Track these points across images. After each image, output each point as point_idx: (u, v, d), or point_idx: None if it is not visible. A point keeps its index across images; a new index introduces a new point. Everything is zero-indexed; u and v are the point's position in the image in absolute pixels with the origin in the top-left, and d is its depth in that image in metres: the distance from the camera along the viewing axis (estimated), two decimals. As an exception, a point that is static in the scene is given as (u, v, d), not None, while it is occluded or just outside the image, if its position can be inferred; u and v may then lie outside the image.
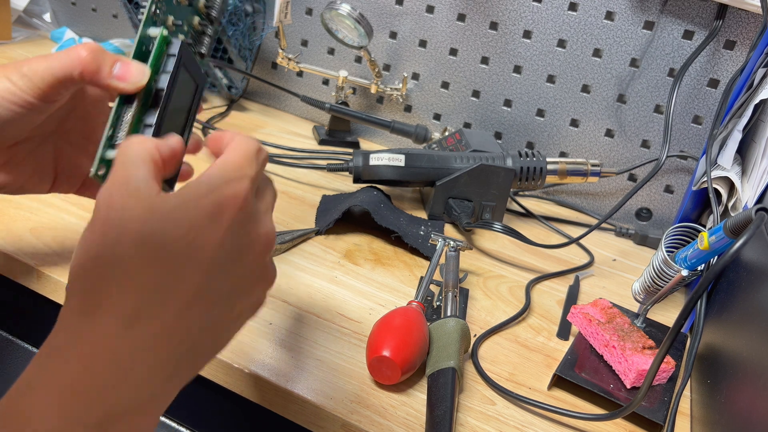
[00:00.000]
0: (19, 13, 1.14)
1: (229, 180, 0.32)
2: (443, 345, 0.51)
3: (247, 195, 0.32)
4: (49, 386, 0.27)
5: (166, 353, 0.29)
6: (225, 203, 0.31)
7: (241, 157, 0.33)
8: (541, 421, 0.50)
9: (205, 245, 0.30)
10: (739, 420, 0.43)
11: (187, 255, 0.29)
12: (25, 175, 0.47)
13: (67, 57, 0.40)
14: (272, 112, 1.06)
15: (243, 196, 0.32)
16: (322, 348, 0.53)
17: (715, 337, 0.56)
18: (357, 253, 0.68)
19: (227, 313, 0.32)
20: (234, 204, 0.31)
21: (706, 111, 0.82)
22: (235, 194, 0.31)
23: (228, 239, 0.31)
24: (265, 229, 0.34)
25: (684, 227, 0.59)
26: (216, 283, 0.30)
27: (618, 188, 0.91)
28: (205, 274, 0.30)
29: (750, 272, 0.52)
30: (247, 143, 0.35)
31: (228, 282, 0.31)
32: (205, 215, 0.30)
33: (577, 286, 0.71)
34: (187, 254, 0.29)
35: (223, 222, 0.30)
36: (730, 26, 0.78)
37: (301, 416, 0.49)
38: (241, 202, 0.31)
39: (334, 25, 0.90)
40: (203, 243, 0.30)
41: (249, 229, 0.32)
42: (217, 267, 0.30)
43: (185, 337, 0.30)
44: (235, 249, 0.31)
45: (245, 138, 0.35)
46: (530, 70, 0.89)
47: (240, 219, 0.31)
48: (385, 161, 0.76)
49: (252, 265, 0.33)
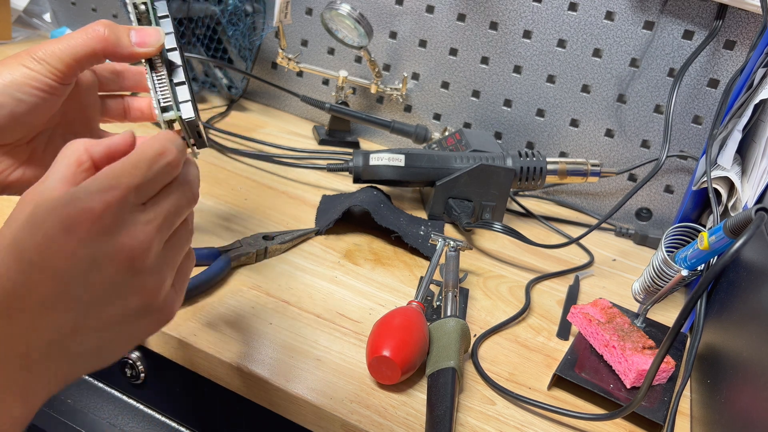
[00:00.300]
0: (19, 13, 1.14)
1: (94, 191, 0.32)
2: (443, 345, 0.51)
3: (106, 207, 0.32)
4: None
5: (24, 348, 0.31)
6: (78, 216, 0.32)
7: (127, 164, 0.34)
8: (541, 421, 0.50)
9: (56, 256, 0.31)
10: (739, 420, 0.43)
11: (37, 265, 0.31)
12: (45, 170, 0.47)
13: (86, 35, 0.41)
14: (272, 112, 1.06)
15: (99, 209, 0.32)
16: (322, 348, 0.53)
17: (715, 337, 0.56)
18: (357, 253, 0.68)
19: (89, 320, 0.33)
20: (88, 217, 0.32)
21: (706, 111, 0.82)
22: (90, 208, 0.32)
23: (80, 253, 0.32)
24: (132, 241, 0.33)
25: (684, 227, 0.59)
26: (68, 294, 0.32)
27: (618, 188, 0.91)
28: (54, 284, 0.31)
29: (750, 272, 0.52)
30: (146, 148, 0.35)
31: (82, 292, 0.32)
32: (60, 227, 0.31)
33: (577, 286, 0.71)
34: (37, 264, 0.31)
35: (74, 236, 0.31)
36: (730, 26, 0.78)
37: (301, 416, 0.49)
38: (96, 215, 0.32)
39: (334, 25, 0.90)
40: (55, 254, 0.31)
41: (104, 241, 0.32)
42: (67, 279, 0.32)
43: (42, 337, 0.32)
44: (89, 262, 0.32)
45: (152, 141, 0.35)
46: (530, 70, 0.89)
47: (95, 231, 0.32)
48: (385, 161, 0.76)
49: (113, 276, 0.33)
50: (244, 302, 0.56)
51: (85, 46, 0.41)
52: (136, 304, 0.35)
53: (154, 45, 0.42)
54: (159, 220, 0.35)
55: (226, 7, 0.95)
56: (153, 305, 0.36)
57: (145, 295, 0.35)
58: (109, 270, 0.33)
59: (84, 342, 0.33)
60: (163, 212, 0.35)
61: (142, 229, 0.34)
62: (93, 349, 0.34)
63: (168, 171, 0.35)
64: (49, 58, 0.41)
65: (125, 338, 0.36)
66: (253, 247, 0.63)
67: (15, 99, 0.41)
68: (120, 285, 0.34)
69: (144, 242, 0.34)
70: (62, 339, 0.32)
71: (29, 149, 0.46)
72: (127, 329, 0.35)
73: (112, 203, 0.32)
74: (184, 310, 0.54)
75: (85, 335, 0.33)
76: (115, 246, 0.33)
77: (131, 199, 0.33)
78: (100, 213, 0.32)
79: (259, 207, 0.74)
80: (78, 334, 0.33)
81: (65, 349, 0.33)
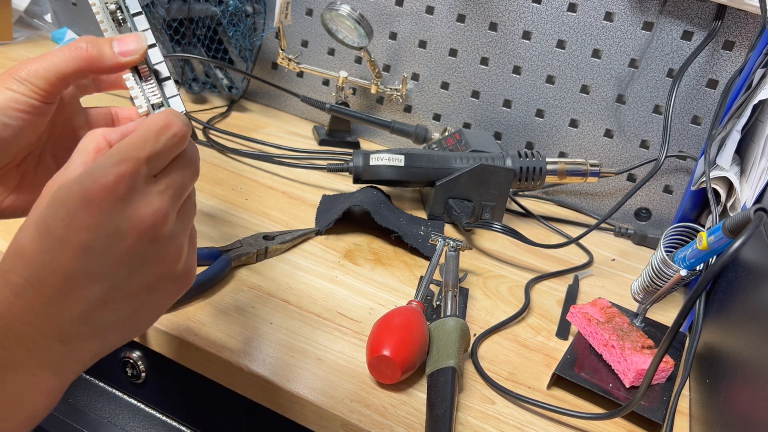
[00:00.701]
0: (20, 14, 1.15)
1: (107, 165, 0.34)
2: (443, 344, 0.51)
3: (121, 179, 0.34)
4: None
5: (55, 322, 0.33)
6: (95, 189, 0.33)
7: (135, 139, 0.35)
8: (541, 421, 0.51)
9: (78, 228, 0.33)
10: (738, 419, 0.43)
11: (62, 239, 0.33)
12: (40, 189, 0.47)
13: (69, 52, 0.41)
14: (272, 113, 1.06)
15: (114, 181, 0.33)
16: (322, 348, 0.53)
17: (714, 336, 0.56)
18: (357, 253, 0.68)
19: (117, 291, 0.35)
20: (103, 189, 0.33)
21: (705, 111, 0.83)
22: (105, 180, 0.33)
23: (101, 224, 0.33)
24: (149, 209, 0.35)
25: (683, 227, 0.59)
26: (93, 264, 0.33)
27: (617, 188, 0.91)
28: (79, 257, 0.33)
29: (749, 272, 0.52)
30: (151, 122, 0.36)
31: (107, 264, 0.34)
32: (79, 202, 0.33)
33: (577, 285, 0.71)
34: (62, 238, 0.33)
35: (94, 208, 0.33)
36: (729, 27, 0.78)
37: (301, 416, 0.49)
38: (111, 186, 0.33)
39: (334, 25, 0.90)
40: (77, 226, 0.33)
41: (124, 211, 0.34)
42: (92, 249, 0.33)
43: (70, 311, 0.33)
44: (110, 233, 0.34)
45: (156, 116, 0.37)
46: (530, 70, 0.89)
47: (112, 201, 0.33)
48: (385, 161, 0.77)
49: (136, 246, 0.35)
50: (245, 302, 0.57)
51: (68, 63, 0.41)
52: (160, 272, 0.37)
53: (138, 52, 0.41)
54: (171, 190, 0.37)
55: (227, 8, 0.95)
56: (175, 271, 0.38)
57: (168, 262, 0.37)
58: (131, 239, 0.34)
59: (113, 314, 0.35)
60: (174, 183, 0.37)
61: (157, 198, 0.35)
62: (122, 320, 0.36)
63: (175, 143, 0.37)
64: (32, 78, 0.40)
65: (152, 307, 0.38)
66: (254, 247, 0.63)
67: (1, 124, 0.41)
68: (143, 254, 0.35)
69: (160, 210, 0.35)
70: (92, 311, 0.34)
71: (20, 172, 0.46)
72: (153, 298, 0.37)
73: (125, 174, 0.34)
74: (185, 310, 0.54)
75: (113, 307, 0.35)
76: (134, 216, 0.34)
77: (143, 170, 0.35)
78: (114, 184, 0.33)
79: (259, 207, 0.74)
80: (107, 307, 0.35)
81: (96, 322, 0.35)
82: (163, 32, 0.95)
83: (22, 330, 0.33)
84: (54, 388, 0.34)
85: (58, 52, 0.41)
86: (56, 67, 0.41)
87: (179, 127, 0.37)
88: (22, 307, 0.32)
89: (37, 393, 0.34)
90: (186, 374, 0.54)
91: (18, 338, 0.33)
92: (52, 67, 0.40)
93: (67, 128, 0.49)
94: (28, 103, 0.41)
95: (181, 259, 0.38)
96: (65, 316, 0.33)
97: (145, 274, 0.36)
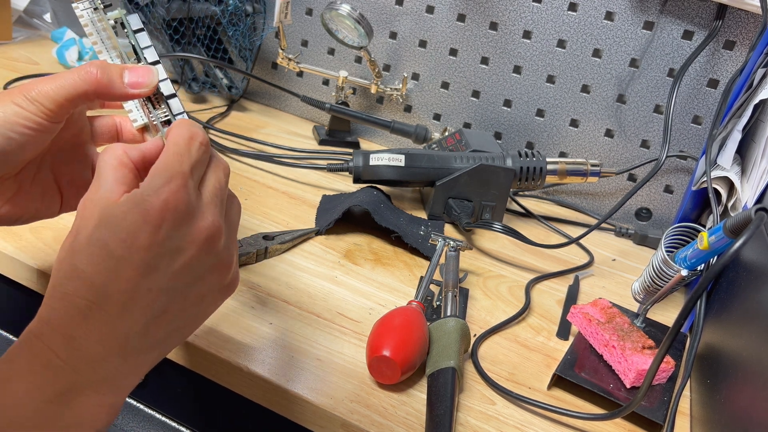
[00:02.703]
0: (19, 14, 1.14)
1: (159, 186, 0.35)
2: (443, 345, 0.51)
3: (177, 197, 0.35)
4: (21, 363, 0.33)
5: (118, 338, 0.34)
6: (156, 209, 0.34)
7: (172, 155, 0.37)
8: (541, 421, 0.51)
9: (139, 248, 0.34)
10: (739, 420, 0.43)
11: (125, 257, 0.34)
12: (36, 200, 0.48)
13: (79, 76, 0.41)
14: (272, 112, 1.06)
15: (173, 200, 0.35)
16: (322, 348, 0.53)
17: (715, 336, 0.56)
18: (357, 253, 0.68)
19: (175, 304, 0.36)
20: (163, 209, 0.34)
21: (705, 111, 0.82)
22: (164, 200, 0.35)
23: (162, 240, 0.34)
24: (205, 223, 0.36)
25: (684, 227, 0.59)
26: (155, 280, 0.35)
27: (618, 188, 0.91)
28: (142, 273, 0.34)
29: (749, 272, 0.52)
30: (177, 137, 0.38)
31: (168, 278, 0.35)
32: (140, 221, 0.34)
33: (577, 285, 0.71)
34: (124, 257, 0.34)
35: (155, 226, 0.34)
36: (729, 26, 0.78)
37: (301, 416, 0.49)
38: (172, 205, 0.35)
39: (334, 25, 0.90)
40: (138, 245, 0.34)
41: (184, 227, 0.35)
42: (153, 266, 0.34)
43: (132, 327, 0.34)
44: (172, 248, 0.35)
45: (178, 130, 0.38)
46: (530, 70, 0.89)
47: (172, 221, 0.35)
48: (385, 161, 0.77)
49: (195, 259, 0.36)
50: (244, 302, 0.56)
51: (78, 88, 0.41)
52: (215, 281, 0.38)
53: (149, 85, 0.42)
54: (215, 198, 0.38)
55: (227, 8, 0.95)
56: (226, 279, 0.39)
57: (222, 271, 0.38)
58: (189, 253, 0.36)
59: (170, 325, 0.36)
60: (215, 190, 0.38)
61: (208, 209, 0.37)
62: (176, 330, 0.37)
63: (205, 150, 0.38)
64: (42, 99, 0.41)
65: (203, 314, 0.39)
66: (253, 247, 0.63)
67: (5, 137, 0.41)
68: (201, 266, 0.37)
69: (214, 222, 0.37)
70: (152, 325, 0.35)
71: (17, 182, 0.46)
72: (205, 306, 0.39)
73: (178, 191, 0.35)
74: (185, 310, 0.54)
75: (171, 319, 0.36)
76: (193, 230, 0.36)
77: (191, 183, 0.36)
78: (173, 203, 0.35)
79: (259, 207, 0.74)
80: (165, 319, 0.36)
81: (155, 335, 0.36)
82: (162, 32, 0.95)
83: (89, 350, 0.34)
84: (114, 403, 0.36)
85: (68, 74, 0.41)
86: (65, 90, 0.41)
87: (202, 135, 0.39)
88: (89, 328, 0.33)
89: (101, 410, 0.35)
90: (186, 374, 0.54)
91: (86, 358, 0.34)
92: (61, 90, 0.41)
93: (70, 142, 0.49)
94: (35, 120, 0.41)
95: (232, 266, 0.39)
96: (129, 332, 0.34)
97: (201, 285, 0.37)
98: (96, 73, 0.41)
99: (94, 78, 0.41)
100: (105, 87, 0.41)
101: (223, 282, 0.39)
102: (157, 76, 0.43)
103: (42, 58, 1.06)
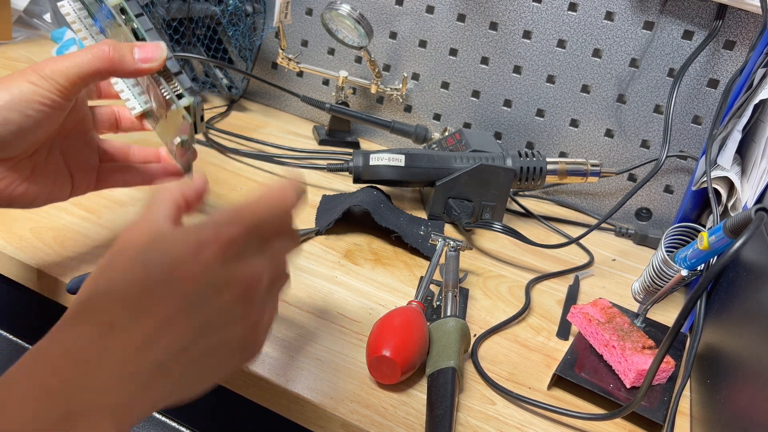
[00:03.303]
0: (19, 13, 1.14)
1: (222, 223, 0.35)
2: (443, 345, 0.51)
3: (232, 238, 0.34)
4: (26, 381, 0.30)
5: (134, 366, 0.31)
6: (206, 242, 0.34)
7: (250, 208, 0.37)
8: (541, 421, 0.51)
9: (183, 278, 0.33)
10: (739, 420, 0.43)
11: (166, 283, 0.32)
12: (50, 182, 0.49)
13: (92, 54, 0.43)
14: (272, 112, 1.06)
15: (226, 239, 0.34)
16: (322, 348, 0.53)
17: (715, 336, 0.56)
18: (357, 253, 0.68)
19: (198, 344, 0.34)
20: (215, 243, 0.34)
21: (705, 111, 0.82)
22: (218, 236, 0.34)
23: (205, 276, 0.33)
24: (250, 271, 0.35)
25: (684, 227, 0.59)
26: (188, 314, 0.33)
27: (618, 188, 0.91)
28: (178, 303, 0.33)
29: (750, 272, 0.52)
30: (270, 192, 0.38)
31: (200, 315, 0.33)
32: (189, 251, 0.33)
33: (577, 285, 0.71)
34: (165, 282, 0.32)
35: (202, 259, 0.33)
36: (729, 26, 0.78)
37: (301, 416, 0.49)
38: (223, 243, 0.34)
39: (334, 25, 0.90)
40: (182, 276, 0.33)
41: (228, 269, 0.34)
42: (191, 299, 0.33)
43: (152, 357, 0.32)
44: (212, 286, 0.34)
45: (273, 195, 0.38)
46: (530, 70, 0.89)
47: (221, 257, 0.34)
48: (385, 161, 0.77)
49: (228, 303, 0.34)
50: (245, 302, 0.56)
51: (91, 65, 0.43)
52: (239, 334, 0.36)
53: (158, 60, 0.44)
54: (272, 258, 0.37)
55: (227, 8, 0.95)
56: (251, 338, 0.37)
57: (249, 326, 0.37)
58: (226, 296, 0.34)
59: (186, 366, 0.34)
60: (275, 251, 0.38)
61: (258, 262, 0.36)
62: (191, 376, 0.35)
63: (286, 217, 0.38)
64: (56, 76, 0.42)
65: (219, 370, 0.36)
66: (254, 247, 0.63)
67: (22, 114, 0.43)
68: (231, 312, 0.35)
69: (258, 275, 0.36)
70: (169, 361, 0.33)
71: (32, 162, 0.48)
72: (224, 360, 0.36)
73: (237, 235, 0.35)
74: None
75: (189, 360, 0.34)
76: (235, 274, 0.35)
77: (253, 234, 0.36)
78: (227, 242, 0.34)
79: (259, 207, 0.74)
80: (183, 358, 0.33)
81: (168, 372, 0.33)
82: (162, 32, 0.95)
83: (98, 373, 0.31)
84: None
85: (81, 52, 0.43)
86: (79, 67, 0.43)
87: (293, 202, 0.39)
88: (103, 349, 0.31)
89: None
90: (185, 374, 0.54)
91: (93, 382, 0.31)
92: (74, 67, 0.43)
93: (76, 127, 0.51)
94: (50, 97, 0.43)
95: (261, 327, 0.38)
96: (145, 362, 0.32)
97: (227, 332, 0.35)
98: (108, 50, 0.43)
99: (107, 55, 0.42)
100: (117, 63, 0.43)
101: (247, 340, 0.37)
102: (165, 51, 0.44)
103: (42, 58, 1.05)
